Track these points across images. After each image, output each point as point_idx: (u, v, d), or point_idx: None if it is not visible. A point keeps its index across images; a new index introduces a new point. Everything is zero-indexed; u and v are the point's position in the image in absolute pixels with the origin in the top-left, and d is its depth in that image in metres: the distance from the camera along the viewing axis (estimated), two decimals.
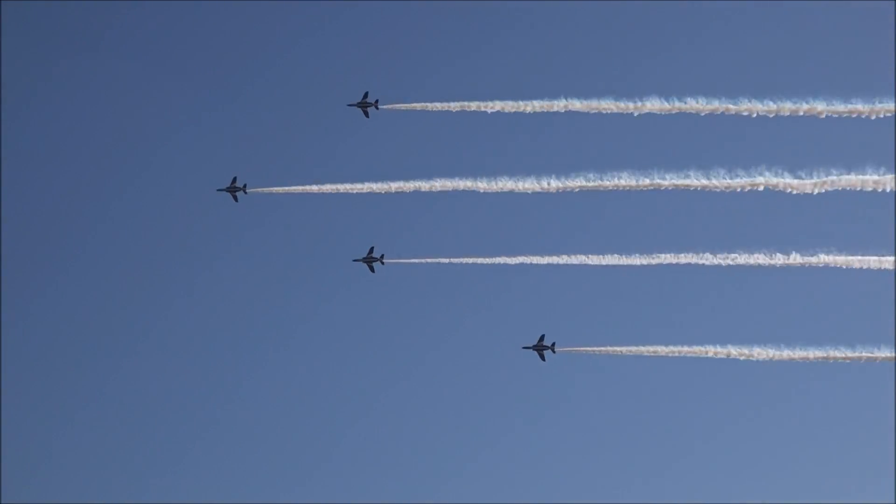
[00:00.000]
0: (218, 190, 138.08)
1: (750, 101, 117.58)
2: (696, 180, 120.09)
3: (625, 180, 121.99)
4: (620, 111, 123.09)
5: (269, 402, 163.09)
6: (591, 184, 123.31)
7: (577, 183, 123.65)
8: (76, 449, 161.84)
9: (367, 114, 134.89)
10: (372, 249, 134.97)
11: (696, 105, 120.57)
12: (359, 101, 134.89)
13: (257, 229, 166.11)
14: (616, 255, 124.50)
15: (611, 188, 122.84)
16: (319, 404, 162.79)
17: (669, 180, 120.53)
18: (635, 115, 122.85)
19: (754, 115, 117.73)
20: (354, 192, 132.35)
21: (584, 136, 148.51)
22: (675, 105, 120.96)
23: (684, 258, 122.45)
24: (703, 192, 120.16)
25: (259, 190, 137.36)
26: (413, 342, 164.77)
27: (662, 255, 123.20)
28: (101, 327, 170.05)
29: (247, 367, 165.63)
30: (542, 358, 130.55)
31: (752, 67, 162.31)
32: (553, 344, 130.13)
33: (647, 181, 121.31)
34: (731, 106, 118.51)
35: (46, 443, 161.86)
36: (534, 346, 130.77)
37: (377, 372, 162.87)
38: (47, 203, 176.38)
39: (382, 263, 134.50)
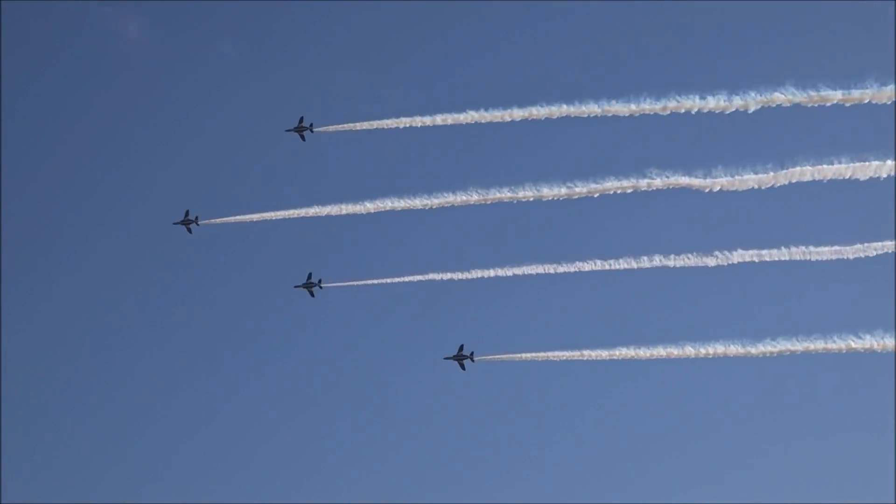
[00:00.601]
0: (173, 223, 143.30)
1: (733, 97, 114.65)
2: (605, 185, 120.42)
3: (549, 190, 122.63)
4: (577, 115, 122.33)
5: (249, 406, 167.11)
6: (521, 195, 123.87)
7: (502, 195, 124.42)
8: (76, 449, 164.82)
9: (303, 137, 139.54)
10: (310, 275, 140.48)
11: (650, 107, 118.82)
12: (295, 126, 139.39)
13: (208, 259, 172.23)
14: (535, 265, 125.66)
15: (541, 198, 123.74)
16: (267, 416, 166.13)
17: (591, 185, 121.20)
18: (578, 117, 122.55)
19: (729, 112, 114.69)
20: (303, 216, 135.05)
21: (532, 146, 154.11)
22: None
23: (615, 264, 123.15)
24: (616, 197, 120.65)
25: (211, 221, 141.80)
26: (346, 359, 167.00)
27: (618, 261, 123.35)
28: (103, 328, 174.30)
29: (226, 374, 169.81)
30: (462, 367, 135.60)
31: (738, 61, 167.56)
32: (472, 353, 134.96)
33: (569, 189, 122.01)
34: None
35: (46, 443, 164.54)
36: (454, 356, 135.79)
37: (317, 386, 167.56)
38: (46, 203, 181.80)
39: (321, 288, 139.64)
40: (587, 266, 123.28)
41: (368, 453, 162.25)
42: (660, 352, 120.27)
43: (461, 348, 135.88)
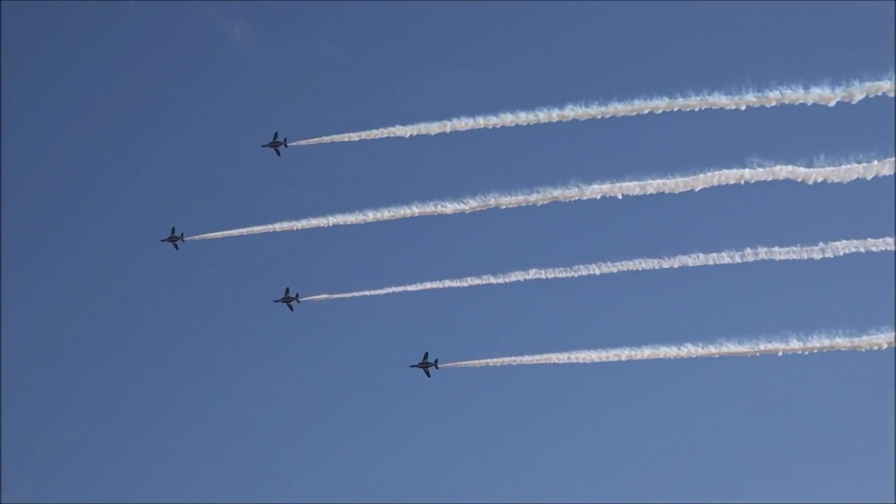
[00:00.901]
0: (161, 240, 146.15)
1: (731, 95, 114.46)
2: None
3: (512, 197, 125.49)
4: (546, 120, 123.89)
5: (240, 410, 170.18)
6: (624, 188, 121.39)
7: (604, 189, 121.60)
8: (76, 449, 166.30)
9: (278, 152, 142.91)
10: (287, 290, 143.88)
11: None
12: (270, 141, 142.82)
13: (193, 274, 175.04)
14: (637, 260, 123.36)
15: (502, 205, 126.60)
16: (257, 419, 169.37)
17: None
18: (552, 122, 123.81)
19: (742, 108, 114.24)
20: (283, 230, 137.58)
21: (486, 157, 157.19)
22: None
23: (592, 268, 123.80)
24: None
25: (195, 237, 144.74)
26: (322, 369, 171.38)
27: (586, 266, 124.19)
28: (103, 328, 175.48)
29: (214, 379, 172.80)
30: (428, 374, 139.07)
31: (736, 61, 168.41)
32: (436, 360, 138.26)
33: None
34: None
35: (46, 443, 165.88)
36: (419, 363, 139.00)
37: (300, 394, 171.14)
38: (46, 204, 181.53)
39: (298, 301, 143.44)
40: (690, 261, 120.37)
41: (347, 457, 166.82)
42: (765, 346, 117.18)
43: (426, 356, 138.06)
